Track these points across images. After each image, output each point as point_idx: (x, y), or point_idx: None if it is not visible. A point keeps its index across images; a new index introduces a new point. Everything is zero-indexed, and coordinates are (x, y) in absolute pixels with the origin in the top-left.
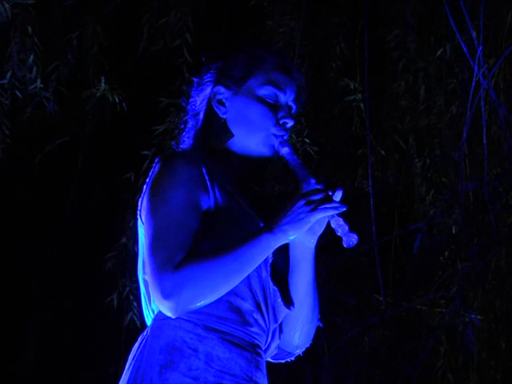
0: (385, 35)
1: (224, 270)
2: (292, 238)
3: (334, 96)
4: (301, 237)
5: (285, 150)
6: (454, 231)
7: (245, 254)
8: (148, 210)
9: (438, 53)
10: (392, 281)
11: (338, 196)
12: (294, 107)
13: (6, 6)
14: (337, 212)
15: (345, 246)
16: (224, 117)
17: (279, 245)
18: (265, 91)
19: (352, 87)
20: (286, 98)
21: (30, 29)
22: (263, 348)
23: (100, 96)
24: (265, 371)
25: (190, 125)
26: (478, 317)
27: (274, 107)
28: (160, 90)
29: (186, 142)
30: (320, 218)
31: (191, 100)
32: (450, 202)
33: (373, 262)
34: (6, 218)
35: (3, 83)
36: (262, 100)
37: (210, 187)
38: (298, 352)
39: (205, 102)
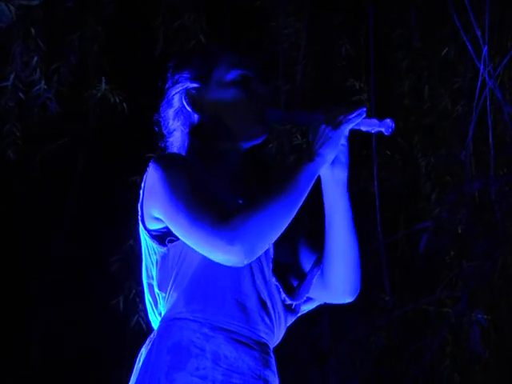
0: (389, 35)
1: (279, 203)
2: (330, 158)
3: (340, 96)
4: (332, 173)
5: (277, 114)
6: (460, 231)
7: (294, 186)
8: (166, 200)
9: (443, 52)
10: (398, 281)
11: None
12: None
13: (12, 8)
14: (359, 115)
15: (386, 134)
16: (204, 118)
17: (320, 169)
18: (232, 75)
19: (357, 87)
20: (255, 74)
21: (32, 30)
22: (271, 347)
23: (101, 96)
24: (275, 369)
25: (168, 145)
26: (485, 316)
27: (247, 86)
28: None
29: None
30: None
31: (163, 123)
32: (456, 202)
33: (379, 262)
34: (6, 219)
35: (6, 85)
36: (233, 83)
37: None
38: (350, 300)
39: (178, 116)
